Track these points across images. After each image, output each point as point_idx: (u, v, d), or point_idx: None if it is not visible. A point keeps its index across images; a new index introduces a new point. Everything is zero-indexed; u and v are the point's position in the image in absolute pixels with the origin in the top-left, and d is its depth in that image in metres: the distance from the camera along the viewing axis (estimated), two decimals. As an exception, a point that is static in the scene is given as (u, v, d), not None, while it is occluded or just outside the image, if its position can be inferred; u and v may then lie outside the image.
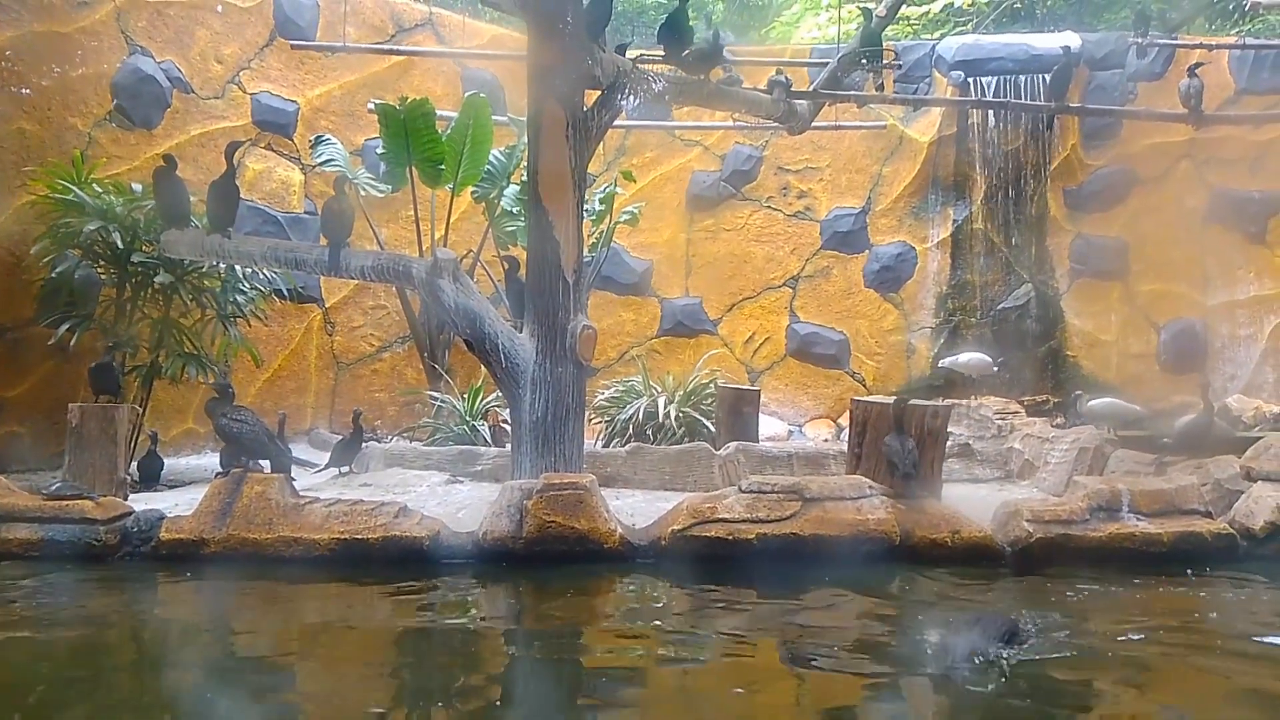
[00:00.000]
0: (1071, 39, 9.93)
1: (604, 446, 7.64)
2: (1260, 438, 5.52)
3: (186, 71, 8.60)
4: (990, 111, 10.22)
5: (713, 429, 7.58)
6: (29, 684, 2.95)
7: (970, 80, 10.19)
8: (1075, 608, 3.86)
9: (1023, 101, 9.99)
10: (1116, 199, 10.18)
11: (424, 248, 8.85)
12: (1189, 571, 4.33)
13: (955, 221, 10.43)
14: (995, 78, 10.17)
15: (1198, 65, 7.59)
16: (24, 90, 7.47)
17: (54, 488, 4.68)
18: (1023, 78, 10.11)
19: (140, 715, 2.76)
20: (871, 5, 7.46)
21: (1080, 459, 6.35)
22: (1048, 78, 9.93)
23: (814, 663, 3.24)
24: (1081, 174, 10.27)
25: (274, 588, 4.15)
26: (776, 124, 7.59)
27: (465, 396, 8.10)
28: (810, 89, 7.52)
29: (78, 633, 3.58)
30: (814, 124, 7.71)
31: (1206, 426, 5.96)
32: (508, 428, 6.73)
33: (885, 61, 8.13)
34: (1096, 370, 10.07)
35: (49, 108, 7.63)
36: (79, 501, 4.53)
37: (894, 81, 10.11)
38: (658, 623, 3.70)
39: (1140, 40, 9.27)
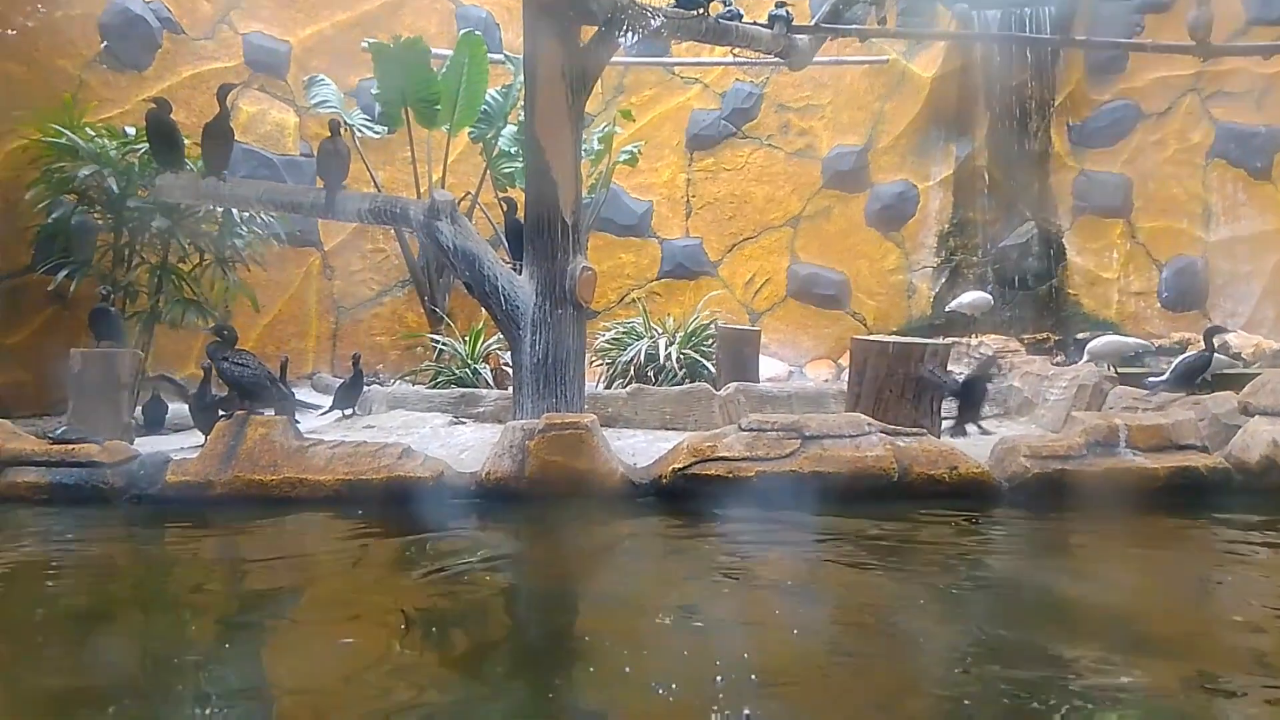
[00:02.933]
0: (1078, -31, 9.72)
1: (605, 388, 7.68)
2: (1259, 373, 5.55)
3: (176, 11, 8.45)
4: (994, 46, 10.04)
5: (713, 370, 7.60)
6: (38, 621, 3.01)
7: (974, 13, 9.99)
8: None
9: (1027, 35, 9.81)
10: (1120, 134, 10.06)
11: (421, 190, 8.78)
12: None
13: (957, 159, 10.33)
14: (999, 10, 9.98)
15: None
16: (9, 31, 7.34)
17: (59, 432, 4.73)
18: (1027, 10, 9.92)
19: (146, 651, 2.81)
20: (874, -64, 7.28)
21: (1079, 396, 6.39)
22: (1052, 10, 9.75)
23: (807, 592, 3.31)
24: (1086, 109, 10.14)
25: (279, 529, 4.20)
26: (777, 60, 7.46)
27: (466, 339, 8.12)
28: (811, 23, 7.38)
29: (87, 571, 3.65)
30: (815, 60, 7.57)
31: (1206, 364, 5.99)
32: (509, 370, 6.76)
33: (888, -6, 7.98)
34: (1097, 308, 10.06)
35: (36, 49, 7.51)
36: (85, 446, 4.57)
37: (897, 15, 9.92)
38: (657, 559, 3.76)
39: (1148, -30, 9.07)
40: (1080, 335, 8.18)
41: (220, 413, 5.00)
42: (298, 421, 4.97)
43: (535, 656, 2.76)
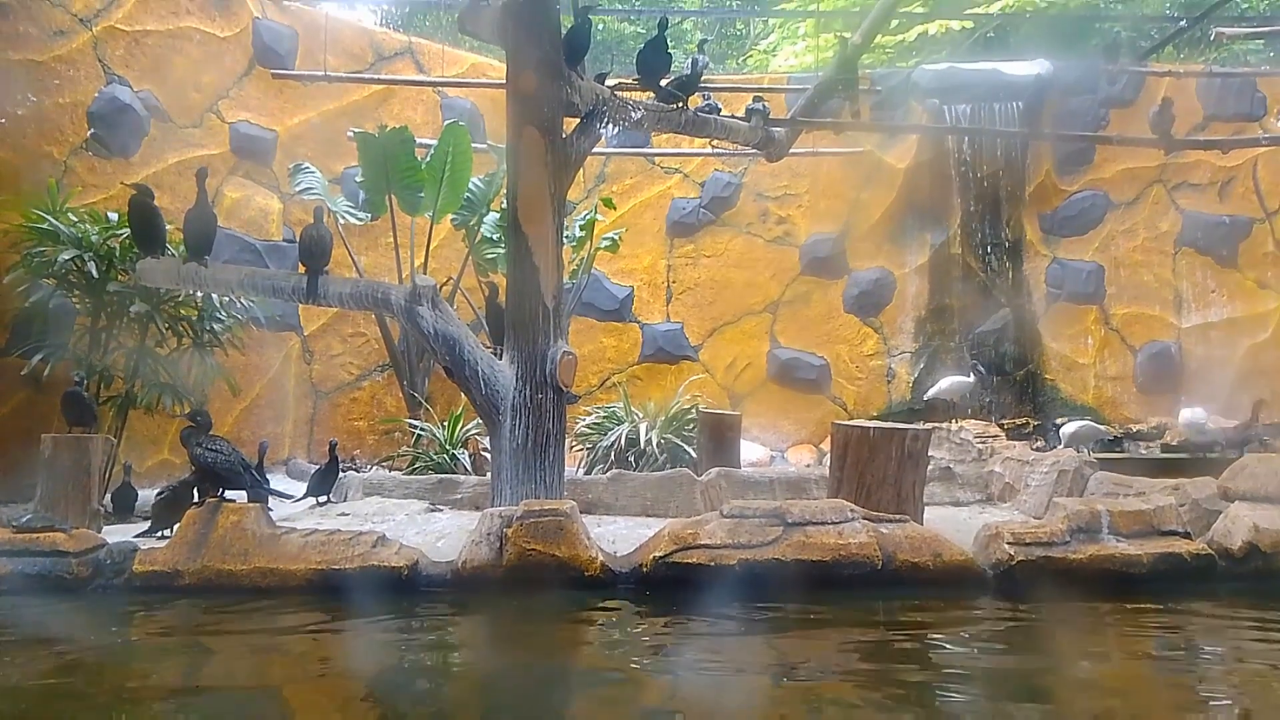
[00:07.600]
0: (1043, 66, 10.10)
1: (585, 474, 7.60)
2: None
3: (164, 100, 8.58)
4: (965, 137, 10.35)
5: (694, 455, 7.56)
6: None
7: (945, 107, 10.32)
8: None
9: (997, 127, 10.13)
10: (1091, 223, 10.32)
11: (403, 275, 8.82)
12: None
13: (932, 246, 10.53)
14: (970, 104, 10.31)
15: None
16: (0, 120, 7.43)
17: (24, 520, 4.60)
18: (997, 104, 10.26)
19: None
20: (847, 34, 7.55)
21: (1060, 481, 6.38)
22: (1021, 104, 10.09)
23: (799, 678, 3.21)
24: (1056, 199, 10.41)
25: (249, 618, 4.07)
26: (755, 151, 7.64)
27: (445, 424, 8.05)
28: (788, 116, 7.59)
29: (47, 664, 3.50)
30: (792, 150, 7.77)
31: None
32: (488, 455, 6.68)
33: (861, 88, 8.23)
34: (1074, 393, 10.15)
35: (24, 136, 7.58)
36: (50, 534, 4.44)
37: (870, 108, 10.22)
38: (637, 652, 3.66)
39: (1111, 67, 9.45)
40: (1059, 420, 8.26)
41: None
42: (270, 509, 4.87)
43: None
